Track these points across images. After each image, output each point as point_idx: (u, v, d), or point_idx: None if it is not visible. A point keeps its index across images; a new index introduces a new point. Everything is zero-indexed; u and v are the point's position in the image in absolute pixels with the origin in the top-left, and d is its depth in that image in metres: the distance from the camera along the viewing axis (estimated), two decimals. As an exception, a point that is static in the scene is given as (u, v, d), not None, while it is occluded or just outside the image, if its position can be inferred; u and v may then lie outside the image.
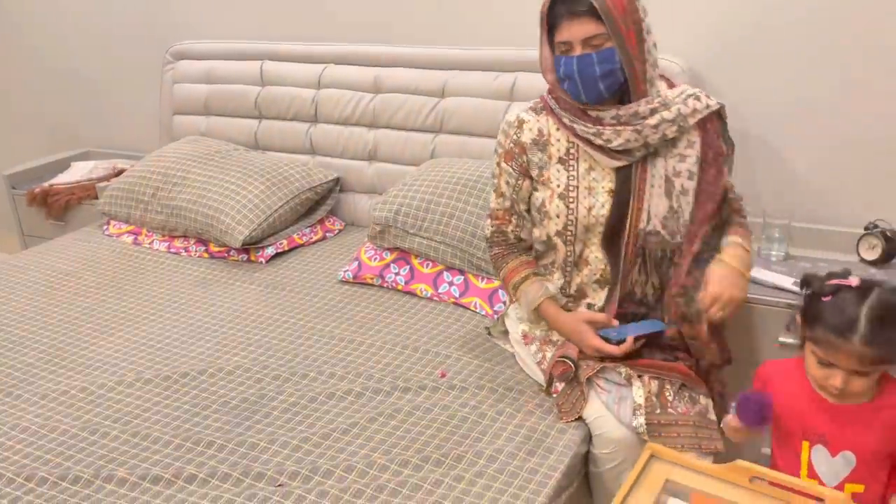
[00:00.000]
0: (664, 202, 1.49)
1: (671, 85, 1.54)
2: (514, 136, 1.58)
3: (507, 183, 1.60)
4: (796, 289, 1.78)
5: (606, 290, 1.56)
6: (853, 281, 1.22)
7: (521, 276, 1.60)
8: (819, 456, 1.24)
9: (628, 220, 1.49)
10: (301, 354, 1.71)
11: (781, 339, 1.79)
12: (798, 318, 1.28)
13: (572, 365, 1.48)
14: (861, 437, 1.22)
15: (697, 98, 1.49)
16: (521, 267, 1.62)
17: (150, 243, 2.35)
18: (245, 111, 2.57)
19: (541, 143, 1.55)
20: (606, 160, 1.49)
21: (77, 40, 3.01)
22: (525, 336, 1.62)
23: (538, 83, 2.05)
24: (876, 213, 1.96)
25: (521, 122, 1.58)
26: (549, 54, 1.48)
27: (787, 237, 1.98)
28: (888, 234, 1.89)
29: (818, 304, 1.22)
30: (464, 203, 1.96)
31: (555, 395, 1.51)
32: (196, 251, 2.28)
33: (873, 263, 1.91)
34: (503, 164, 1.60)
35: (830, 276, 1.26)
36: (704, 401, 1.48)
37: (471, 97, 2.22)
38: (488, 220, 1.67)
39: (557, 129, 1.54)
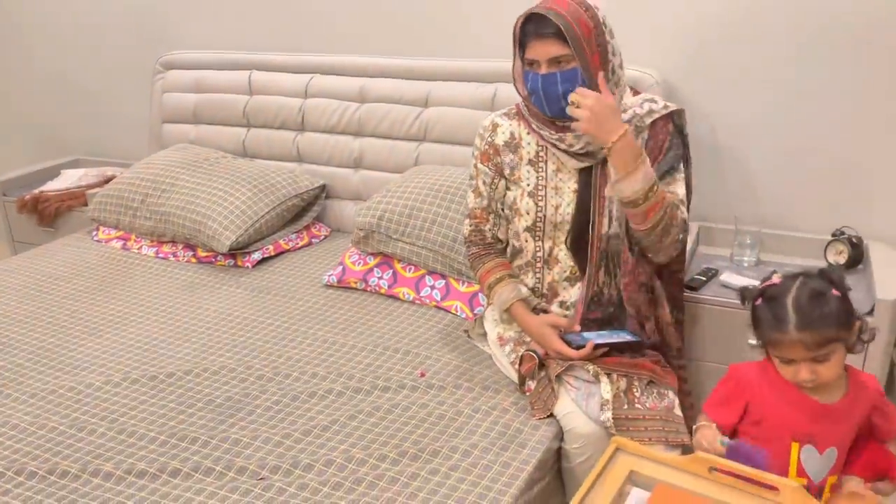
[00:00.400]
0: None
1: (635, 93, 1.62)
2: (489, 139, 1.67)
3: (485, 182, 1.68)
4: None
5: (577, 287, 1.63)
6: (775, 279, 1.28)
7: (495, 278, 1.67)
8: (808, 455, 1.27)
9: (590, 223, 1.57)
10: (285, 355, 1.76)
11: (752, 341, 1.85)
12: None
13: (537, 358, 1.54)
14: (843, 431, 1.27)
15: (655, 101, 1.57)
16: (497, 268, 1.69)
17: (138, 248, 2.40)
18: (234, 120, 2.62)
19: (512, 146, 1.65)
20: (572, 161, 1.57)
21: (68, 48, 3.06)
22: (500, 338, 1.68)
23: (517, 94, 2.13)
24: (842, 220, 2.03)
25: (494, 126, 1.68)
26: (521, 68, 1.57)
27: (758, 243, 2.05)
28: (854, 240, 1.96)
29: (755, 310, 1.28)
30: (445, 209, 2.02)
31: (528, 394, 1.56)
32: (184, 256, 2.33)
33: (841, 268, 1.98)
34: (480, 165, 1.69)
35: (761, 282, 1.32)
36: (672, 396, 1.54)
37: (453, 107, 2.29)
38: (466, 220, 1.74)
39: (528, 133, 1.63)
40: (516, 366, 1.60)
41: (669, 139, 1.57)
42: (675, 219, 1.51)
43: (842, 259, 1.97)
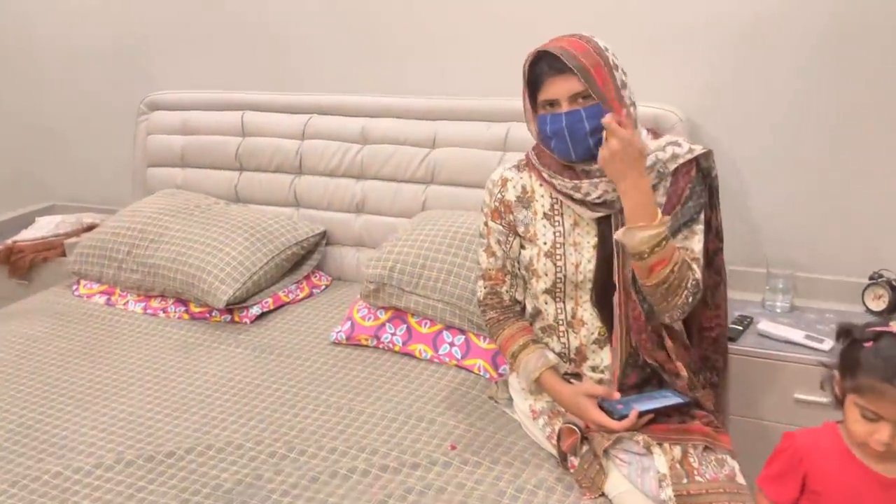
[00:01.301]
0: None
1: (656, 136, 1.51)
2: (499, 195, 1.55)
3: (498, 241, 1.57)
4: (809, 343, 1.75)
5: (607, 350, 1.51)
6: (894, 327, 1.19)
7: (518, 345, 1.54)
8: None
9: (616, 277, 1.45)
10: (297, 427, 1.59)
11: (797, 395, 1.74)
12: (836, 372, 1.24)
13: (578, 431, 1.40)
14: None
15: (679, 144, 1.45)
16: (519, 334, 1.55)
17: (124, 304, 2.21)
18: (225, 163, 2.47)
19: (525, 200, 1.53)
20: (588, 213, 1.46)
21: (42, 86, 2.88)
22: (532, 410, 1.54)
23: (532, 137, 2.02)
24: (879, 263, 1.94)
25: (504, 181, 1.56)
26: (531, 112, 1.46)
27: (791, 288, 1.95)
28: (894, 283, 1.87)
29: (860, 351, 1.18)
30: (462, 259, 1.88)
31: (572, 471, 1.41)
32: (175, 312, 2.15)
33: (880, 314, 1.89)
34: (491, 223, 1.57)
35: (868, 325, 1.23)
36: (731, 461, 1.41)
37: (462, 147, 2.17)
38: (480, 282, 1.61)
39: (540, 185, 1.52)
40: (553, 440, 1.46)
41: (690, 187, 1.45)
42: (685, 280, 1.38)
43: (882, 304, 1.87)
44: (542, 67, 1.39)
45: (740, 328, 1.84)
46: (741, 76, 1.98)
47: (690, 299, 1.41)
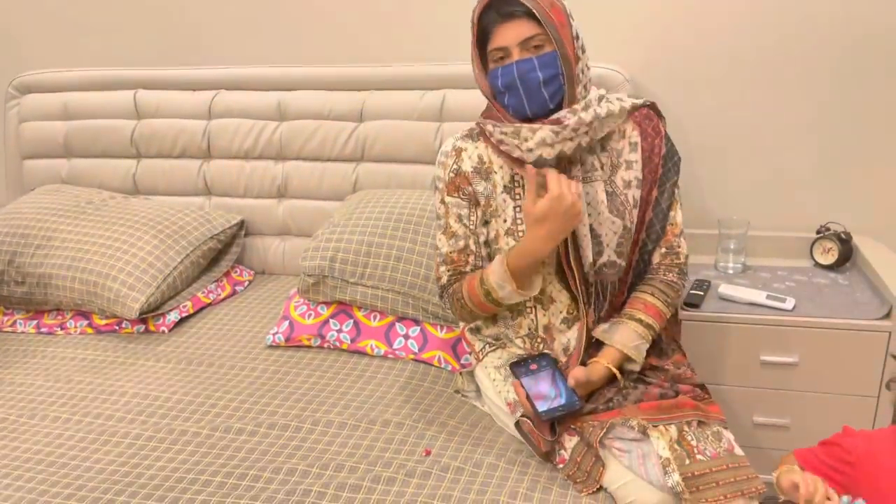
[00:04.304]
0: (616, 223, 1.37)
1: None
2: (454, 167, 1.41)
3: (459, 218, 1.42)
4: (771, 303, 1.71)
5: (576, 328, 1.41)
6: None
7: (478, 278, 1.38)
8: None
9: (573, 252, 1.35)
10: (243, 449, 1.38)
11: (764, 357, 1.70)
12: None
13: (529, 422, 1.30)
14: None
15: (620, 99, 1.38)
16: (474, 274, 1.40)
17: (11, 325, 1.89)
18: (118, 150, 2.16)
19: (483, 171, 1.40)
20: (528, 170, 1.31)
21: None
22: (508, 404, 1.40)
23: (471, 99, 1.89)
24: (826, 216, 1.94)
25: (458, 150, 1.42)
26: (481, 68, 1.34)
27: (743, 248, 1.91)
28: (842, 235, 1.86)
29: None
30: (410, 242, 1.71)
31: (561, 467, 1.29)
32: (76, 328, 1.86)
33: (830, 268, 1.89)
34: (448, 198, 1.42)
35: None
36: (727, 434, 1.33)
37: (395, 119, 1.98)
38: (443, 268, 1.45)
39: (498, 156, 1.39)
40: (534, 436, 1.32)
41: (665, 142, 1.40)
42: (678, 292, 1.42)
43: (832, 258, 1.87)
44: (490, 16, 1.28)
45: (701, 293, 1.78)
46: (684, 33, 1.90)
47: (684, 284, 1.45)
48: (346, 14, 2.08)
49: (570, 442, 1.29)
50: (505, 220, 1.39)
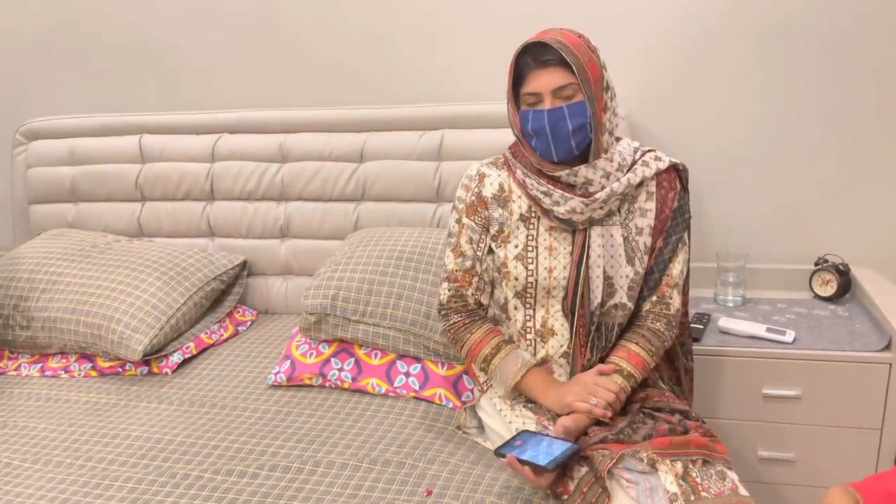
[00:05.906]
0: (628, 269, 1.41)
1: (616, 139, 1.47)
2: (476, 190, 1.47)
3: (471, 240, 1.47)
4: (771, 336, 1.71)
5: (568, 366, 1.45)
6: None
7: (491, 347, 1.44)
8: None
9: (582, 289, 1.39)
10: (245, 491, 1.38)
11: (766, 390, 1.70)
12: None
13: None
14: None
15: (657, 159, 1.44)
16: (489, 336, 1.46)
17: (16, 368, 1.91)
18: (123, 194, 2.20)
19: (501, 199, 1.45)
20: (548, 222, 1.42)
21: None
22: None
23: (468, 139, 1.91)
24: (825, 247, 1.95)
25: (482, 176, 1.47)
26: (514, 107, 1.39)
27: (742, 281, 1.92)
28: (841, 267, 1.87)
29: None
30: (412, 280, 1.73)
31: (566, 498, 1.29)
32: (80, 371, 1.87)
33: (829, 299, 1.89)
34: (465, 220, 1.47)
35: None
36: (731, 473, 1.33)
37: (394, 159, 2.01)
38: (445, 284, 1.50)
39: (518, 186, 1.44)
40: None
41: (678, 197, 1.45)
42: (664, 342, 1.44)
43: (831, 289, 1.88)
44: (525, 60, 1.34)
45: (701, 327, 1.78)
46: (681, 73, 1.94)
47: (674, 337, 1.47)
48: (346, 57, 2.13)
49: (579, 473, 1.29)
50: (516, 246, 1.43)
